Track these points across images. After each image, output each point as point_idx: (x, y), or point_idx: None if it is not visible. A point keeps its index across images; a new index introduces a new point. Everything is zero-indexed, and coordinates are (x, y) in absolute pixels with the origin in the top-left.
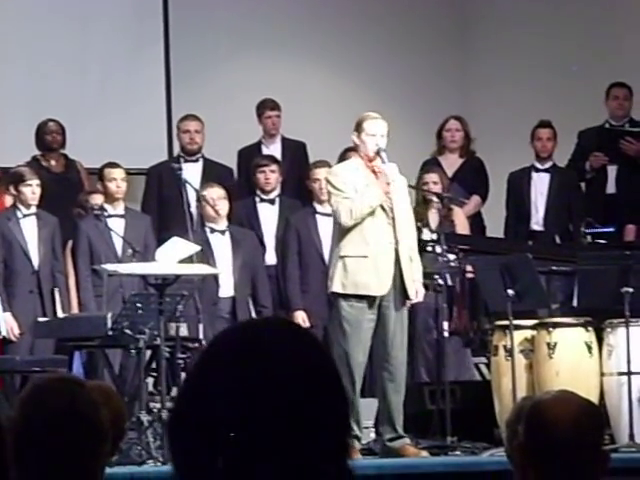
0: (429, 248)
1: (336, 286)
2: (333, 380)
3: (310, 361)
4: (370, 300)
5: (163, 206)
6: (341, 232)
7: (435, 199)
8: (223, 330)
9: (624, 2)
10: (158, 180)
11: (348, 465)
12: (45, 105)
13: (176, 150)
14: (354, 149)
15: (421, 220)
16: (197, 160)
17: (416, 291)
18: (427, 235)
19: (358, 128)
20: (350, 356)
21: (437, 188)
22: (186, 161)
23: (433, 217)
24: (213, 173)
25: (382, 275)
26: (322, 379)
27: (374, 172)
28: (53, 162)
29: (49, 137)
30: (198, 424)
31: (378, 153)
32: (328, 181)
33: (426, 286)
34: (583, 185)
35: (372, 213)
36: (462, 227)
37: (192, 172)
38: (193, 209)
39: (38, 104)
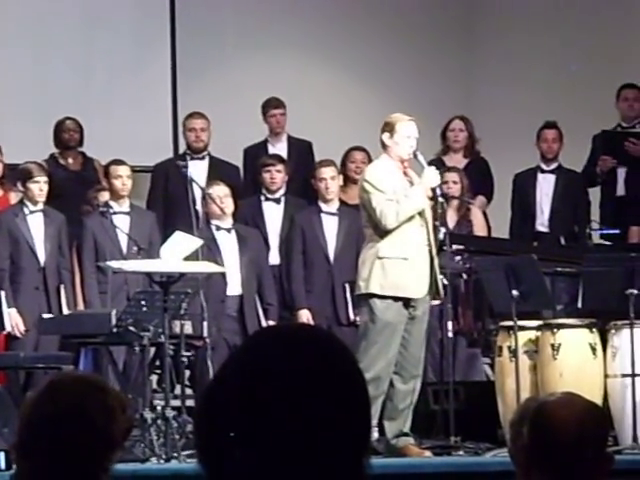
0: (445, 248)
1: (374, 287)
2: (357, 382)
3: (335, 364)
4: (406, 301)
5: (168, 204)
6: (378, 233)
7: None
8: (255, 332)
9: (632, 4)
10: (164, 178)
11: (366, 466)
12: (52, 102)
13: (182, 148)
14: (358, 148)
15: (436, 219)
16: (203, 158)
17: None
18: (442, 235)
19: (390, 129)
20: (383, 356)
21: (456, 188)
22: (192, 159)
23: (451, 217)
24: (219, 171)
25: (421, 278)
26: (346, 382)
27: (405, 174)
28: (70, 160)
29: (66, 135)
30: (219, 418)
31: (415, 156)
32: (367, 181)
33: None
34: (597, 189)
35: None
36: (480, 227)
37: (198, 170)
38: (198, 207)
39: (45, 102)
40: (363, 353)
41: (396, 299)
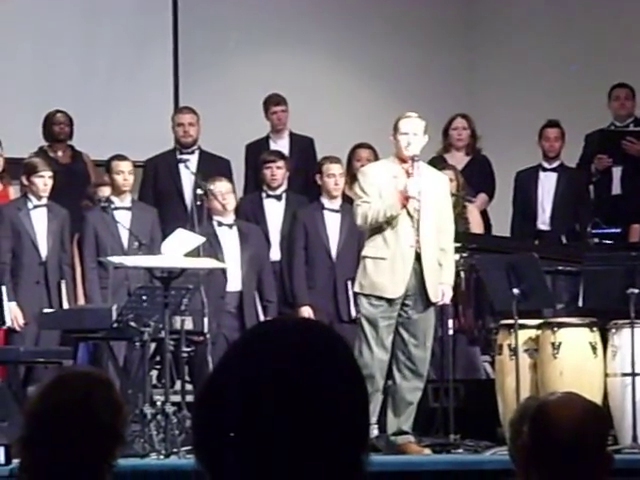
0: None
1: (356, 286)
2: (355, 379)
3: (334, 360)
4: (389, 300)
5: (159, 198)
6: (367, 233)
7: None
8: (254, 326)
9: (630, 3)
10: (154, 172)
11: (365, 462)
12: (52, 97)
13: None
14: (363, 146)
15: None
16: (193, 152)
17: (443, 293)
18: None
19: (394, 129)
20: (370, 352)
21: (452, 185)
22: (182, 153)
23: None
24: (209, 165)
25: (397, 278)
26: (345, 378)
27: (408, 173)
28: (60, 153)
29: (57, 128)
30: (216, 415)
31: (412, 160)
32: (357, 181)
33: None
34: (591, 188)
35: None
36: (476, 225)
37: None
38: (189, 201)
39: (45, 96)
40: (357, 351)
41: (379, 298)
